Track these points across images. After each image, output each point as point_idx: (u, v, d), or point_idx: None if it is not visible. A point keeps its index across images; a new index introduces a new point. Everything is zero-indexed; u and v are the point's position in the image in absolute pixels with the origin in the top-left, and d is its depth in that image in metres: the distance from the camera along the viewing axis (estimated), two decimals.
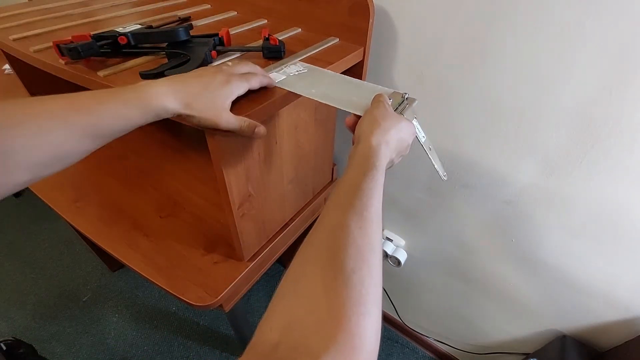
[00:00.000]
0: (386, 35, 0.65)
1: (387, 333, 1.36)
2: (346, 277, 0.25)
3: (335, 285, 0.25)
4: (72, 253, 1.63)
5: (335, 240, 0.28)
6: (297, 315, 0.24)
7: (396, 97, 0.45)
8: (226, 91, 0.39)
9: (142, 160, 0.92)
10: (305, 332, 0.23)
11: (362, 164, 0.36)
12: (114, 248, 0.68)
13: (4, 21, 0.68)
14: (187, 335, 1.35)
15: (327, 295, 0.24)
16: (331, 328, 0.23)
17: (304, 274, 0.27)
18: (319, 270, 0.26)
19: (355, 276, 0.26)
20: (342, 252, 0.27)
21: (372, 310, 0.25)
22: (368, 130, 0.39)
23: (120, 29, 0.53)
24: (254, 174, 0.55)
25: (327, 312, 0.23)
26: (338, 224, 0.30)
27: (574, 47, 0.49)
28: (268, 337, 0.23)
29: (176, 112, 0.37)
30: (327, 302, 0.24)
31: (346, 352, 0.22)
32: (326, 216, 0.32)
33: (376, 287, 0.27)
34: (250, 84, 0.43)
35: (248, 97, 0.44)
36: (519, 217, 0.73)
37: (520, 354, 0.98)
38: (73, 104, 0.33)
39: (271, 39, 0.54)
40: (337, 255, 0.27)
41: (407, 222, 0.96)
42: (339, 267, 0.26)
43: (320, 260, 0.27)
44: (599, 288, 0.71)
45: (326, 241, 0.29)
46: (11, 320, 1.38)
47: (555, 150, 0.60)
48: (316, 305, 0.24)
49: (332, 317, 0.23)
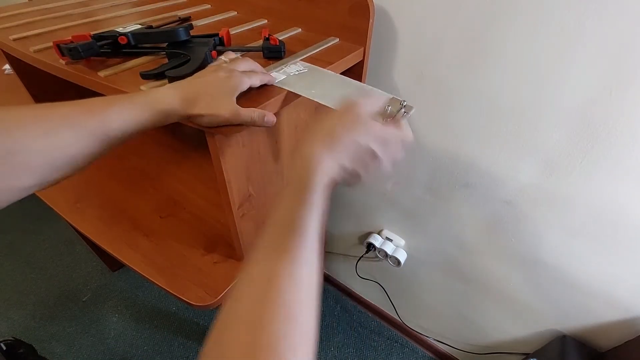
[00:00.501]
0: (386, 35, 0.65)
1: (387, 333, 1.36)
2: (273, 348, 0.24)
3: (261, 356, 0.23)
4: (72, 253, 1.63)
5: (262, 300, 0.26)
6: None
7: (394, 104, 0.44)
8: (230, 86, 0.40)
9: (142, 160, 0.92)
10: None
11: (296, 186, 0.32)
12: (114, 248, 0.68)
13: (4, 21, 0.68)
14: (187, 336, 1.35)
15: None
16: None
17: (230, 340, 0.25)
18: (243, 337, 0.25)
19: (284, 343, 0.24)
20: (269, 316, 0.25)
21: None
22: (307, 136, 0.35)
23: (120, 29, 0.53)
24: (254, 174, 0.55)
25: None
26: (266, 276, 0.28)
27: (574, 47, 0.49)
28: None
29: (185, 113, 0.38)
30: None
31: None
32: (255, 264, 0.30)
33: (307, 343, 0.26)
34: (252, 81, 0.43)
35: (248, 97, 0.44)
36: (519, 217, 0.73)
37: (520, 354, 0.98)
38: (82, 106, 0.34)
39: (271, 39, 0.54)
40: (262, 321, 0.25)
41: (407, 222, 0.96)
42: (266, 336, 0.24)
43: (245, 325, 0.25)
44: (599, 288, 0.71)
45: (253, 302, 0.27)
46: (11, 320, 1.38)
47: (555, 150, 0.60)
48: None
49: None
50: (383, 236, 1.04)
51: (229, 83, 0.40)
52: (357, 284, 1.37)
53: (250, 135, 0.49)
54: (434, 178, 0.80)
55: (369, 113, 0.36)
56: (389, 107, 0.43)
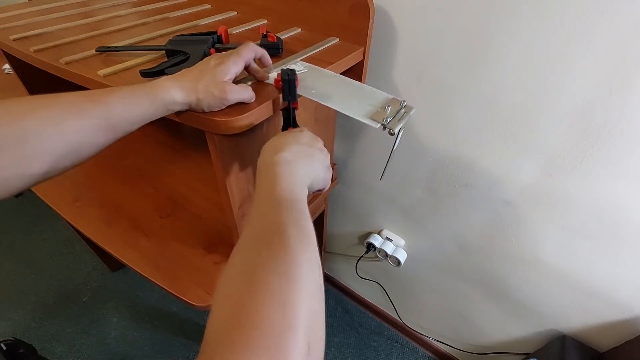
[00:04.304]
0: (386, 35, 0.65)
1: (387, 333, 1.36)
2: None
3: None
4: (72, 253, 1.63)
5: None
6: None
7: (394, 105, 0.44)
8: (223, 68, 0.41)
9: (142, 160, 0.92)
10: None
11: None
12: (114, 248, 0.68)
13: (4, 21, 0.68)
14: (188, 336, 1.35)
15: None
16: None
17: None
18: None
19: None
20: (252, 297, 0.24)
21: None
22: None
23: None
24: (254, 173, 0.55)
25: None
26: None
27: (574, 46, 0.49)
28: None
29: (184, 101, 0.39)
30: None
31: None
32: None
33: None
34: (243, 56, 0.43)
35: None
36: (519, 217, 0.73)
37: (520, 354, 0.98)
38: (86, 95, 0.35)
39: (269, 36, 0.55)
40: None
41: (407, 221, 0.96)
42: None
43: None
44: (599, 288, 0.71)
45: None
46: (11, 320, 1.38)
47: (556, 149, 0.60)
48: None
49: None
50: (383, 236, 1.04)
51: (220, 65, 0.41)
52: (357, 284, 1.37)
53: (250, 135, 0.49)
54: (434, 178, 0.80)
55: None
56: (389, 107, 0.43)
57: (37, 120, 0.31)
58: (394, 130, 0.41)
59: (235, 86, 0.41)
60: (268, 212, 0.31)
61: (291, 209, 0.32)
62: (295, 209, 0.32)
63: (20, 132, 0.30)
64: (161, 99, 0.38)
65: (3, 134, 0.29)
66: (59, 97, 0.33)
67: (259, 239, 0.29)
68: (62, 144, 0.32)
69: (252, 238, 0.29)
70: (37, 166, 0.31)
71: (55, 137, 0.32)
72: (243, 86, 0.42)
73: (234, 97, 0.41)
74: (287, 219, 0.30)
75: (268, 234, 0.29)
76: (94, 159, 0.37)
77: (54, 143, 0.32)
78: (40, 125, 0.31)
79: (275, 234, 0.28)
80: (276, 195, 0.33)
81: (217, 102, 0.40)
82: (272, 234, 0.28)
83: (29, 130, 0.30)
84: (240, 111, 0.42)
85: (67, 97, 0.34)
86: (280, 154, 0.37)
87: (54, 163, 0.32)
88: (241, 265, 0.27)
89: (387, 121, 0.42)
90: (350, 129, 0.86)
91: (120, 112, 0.36)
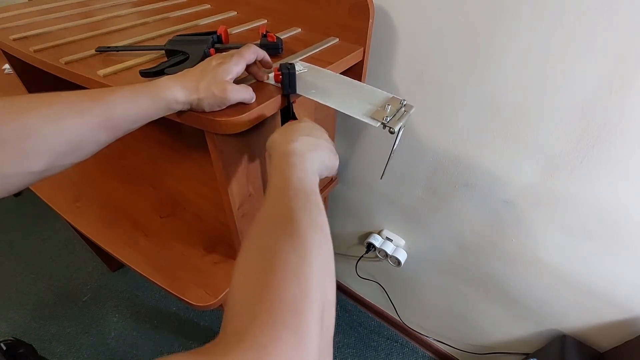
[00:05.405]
0: (386, 35, 0.65)
1: (387, 333, 1.36)
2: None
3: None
4: (72, 253, 1.63)
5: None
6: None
7: (394, 103, 0.44)
8: (224, 68, 0.41)
9: (142, 160, 0.92)
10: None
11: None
12: (114, 248, 0.68)
13: (4, 21, 0.68)
14: (188, 336, 1.35)
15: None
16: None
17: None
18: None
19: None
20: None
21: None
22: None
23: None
24: (254, 173, 0.55)
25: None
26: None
27: (574, 46, 0.49)
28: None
29: (185, 100, 0.39)
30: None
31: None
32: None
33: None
34: (244, 57, 0.43)
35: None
36: (519, 217, 0.73)
37: (520, 354, 0.98)
38: (87, 94, 0.35)
39: (269, 35, 0.55)
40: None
41: (407, 222, 0.96)
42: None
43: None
44: (599, 288, 0.71)
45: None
46: (11, 320, 1.38)
47: (556, 149, 0.59)
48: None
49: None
50: (383, 236, 1.04)
51: (221, 66, 0.41)
52: (357, 284, 1.37)
53: (250, 135, 0.49)
54: (434, 178, 0.80)
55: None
56: (389, 106, 0.43)
57: (38, 117, 0.31)
58: (394, 129, 0.41)
59: (236, 86, 0.41)
60: (282, 201, 0.33)
61: (305, 199, 0.33)
62: (308, 201, 0.33)
63: (21, 129, 0.30)
64: (162, 98, 0.38)
65: (3, 130, 0.29)
66: (60, 96, 0.33)
67: (274, 225, 0.30)
68: (62, 142, 0.32)
69: (268, 224, 0.31)
70: (36, 163, 0.31)
71: (55, 135, 0.32)
72: (244, 86, 0.43)
73: (234, 97, 0.41)
74: (299, 207, 0.31)
75: (282, 220, 0.30)
76: (93, 159, 0.37)
77: (54, 141, 0.32)
78: (40, 122, 0.31)
79: (289, 220, 0.30)
80: (290, 185, 0.34)
81: (217, 102, 0.40)
82: (285, 220, 0.30)
83: (30, 127, 0.30)
84: (240, 111, 0.42)
85: (68, 96, 0.34)
86: (292, 144, 0.38)
87: (54, 161, 0.32)
88: (258, 248, 0.29)
89: (387, 120, 0.42)
90: (350, 129, 0.86)
91: (121, 111, 0.36)
